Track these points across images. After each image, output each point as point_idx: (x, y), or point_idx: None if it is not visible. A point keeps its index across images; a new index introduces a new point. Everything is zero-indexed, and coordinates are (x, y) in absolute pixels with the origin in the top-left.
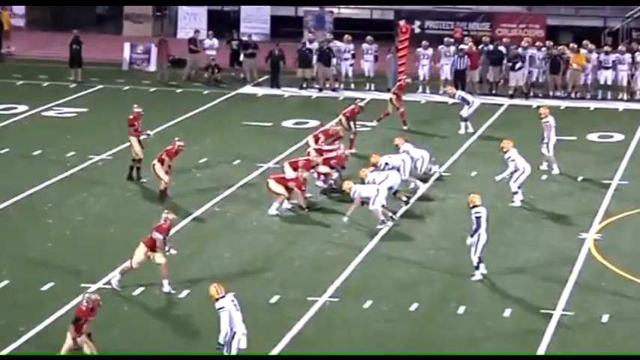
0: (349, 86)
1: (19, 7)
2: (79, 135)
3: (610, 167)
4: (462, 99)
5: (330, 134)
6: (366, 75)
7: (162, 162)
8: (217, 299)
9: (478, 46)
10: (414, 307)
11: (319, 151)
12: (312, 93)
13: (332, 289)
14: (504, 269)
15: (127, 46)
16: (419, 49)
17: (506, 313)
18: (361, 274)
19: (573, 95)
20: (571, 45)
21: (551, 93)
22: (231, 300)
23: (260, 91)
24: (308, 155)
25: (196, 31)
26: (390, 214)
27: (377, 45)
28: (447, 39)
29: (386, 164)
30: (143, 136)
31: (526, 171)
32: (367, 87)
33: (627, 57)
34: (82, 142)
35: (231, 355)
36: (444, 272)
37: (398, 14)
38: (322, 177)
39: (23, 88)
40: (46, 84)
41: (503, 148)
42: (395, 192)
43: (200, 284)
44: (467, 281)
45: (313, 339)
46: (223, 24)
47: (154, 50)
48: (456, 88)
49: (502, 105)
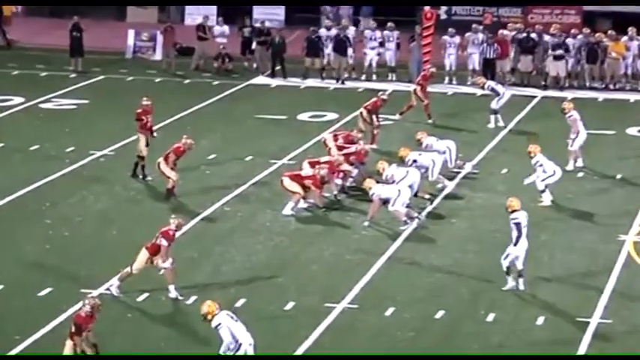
0: (371, 77)
1: None
2: (79, 129)
3: None
4: (492, 90)
5: (351, 140)
6: (388, 64)
7: (167, 159)
8: (213, 317)
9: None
10: (440, 315)
11: (338, 147)
12: (329, 84)
13: (351, 296)
14: (537, 274)
15: (131, 34)
16: (445, 37)
17: (539, 321)
18: (382, 280)
19: (612, 86)
20: (609, 32)
21: (587, 84)
22: (226, 314)
23: (273, 82)
24: (329, 154)
25: (205, 17)
26: (415, 215)
27: (399, 32)
28: (475, 26)
29: (414, 161)
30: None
31: (556, 174)
32: (389, 77)
33: None
34: (83, 137)
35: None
36: (472, 277)
37: None
38: (341, 174)
39: (19, 78)
40: (44, 74)
41: (530, 153)
42: (415, 193)
43: (209, 290)
44: (496, 286)
45: (330, 349)
46: (234, 10)
47: (160, 38)
48: (485, 79)
49: (535, 97)
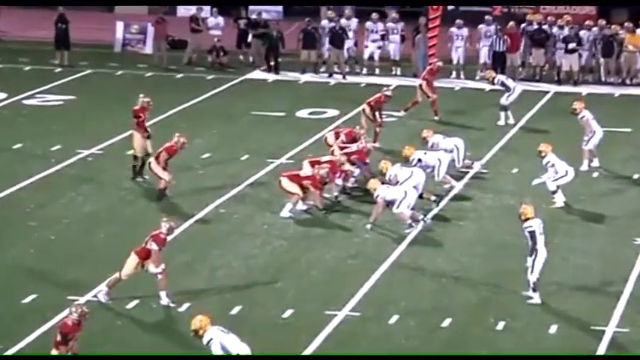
0: (373, 71)
1: None
2: (66, 126)
3: None
4: (502, 84)
5: (353, 137)
6: (392, 58)
7: (159, 159)
8: (204, 332)
9: (519, 25)
10: (447, 323)
11: (339, 146)
12: (330, 79)
13: (352, 303)
14: (550, 279)
15: (120, 26)
16: (452, 29)
17: (552, 330)
18: (386, 286)
19: (628, 81)
20: (626, 24)
21: (603, 79)
22: (217, 329)
23: (271, 77)
24: (332, 154)
25: (199, 8)
26: (421, 217)
27: (403, 24)
28: (488, 17)
29: (419, 160)
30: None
31: (569, 175)
32: (393, 72)
33: None
34: (69, 135)
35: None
36: (481, 283)
37: None
38: (342, 174)
39: (1, 73)
40: (28, 68)
41: (541, 153)
42: (420, 194)
43: (203, 296)
44: (506, 293)
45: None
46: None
47: (151, 30)
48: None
49: (547, 92)
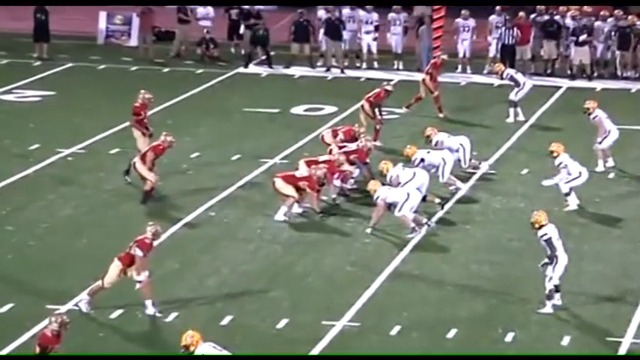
0: (372, 65)
1: None
2: (45, 124)
3: None
4: (512, 79)
5: (352, 136)
6: (393, 51)
7: (144, 159)
8: (195, 348)
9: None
10: (452, 334)
11: (338, 145)
12: (328, 73)
13: (351, 313)
14: (562, 287)
15: (103, 16)
16: (458, 20)
17: (564, 341)
18: (387, 294)
19: None
20: None
21: (619, 73)
22: (209, 345)
23: (264, 71)
24: (329, 153)
25: None
26: (425, 221)
27: (406, 14)
28: (499, 8)
29: (421, 160)
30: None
31: (582, 176)
32: (394, 65)
33: None
34: (49, 133)
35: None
36: (488, 291)
37: None
38: (340, 175)
39: None
40: (5, 61)
41: (552, 153)
42: (424, 197)
43: (191, 305)
44: (515, 302)
45: None
46: None
47: (136, 21)
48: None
49: (560, 87)
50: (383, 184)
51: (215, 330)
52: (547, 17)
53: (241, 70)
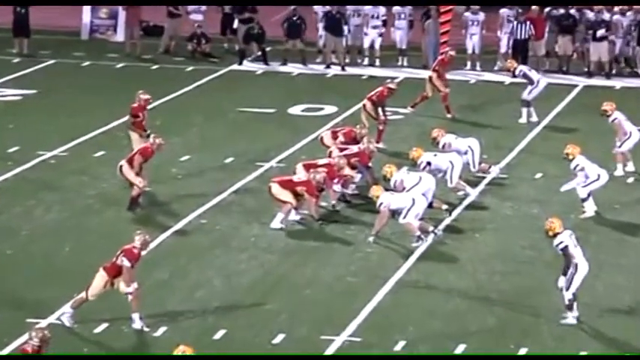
0: (375, 61)
1: None
2: (26, 124)
3: None
4: (524, 76)
5: (353, 137)
6: (397, 47)
7: (131, 163)
8: None
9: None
10: (461, 350)
11: (338, 147)
12: (327, 70)
13: (352, 327)
14: (579, 299)
15: (87, 10)
16: (466, 14)
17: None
18: (391, 307)
19: None
20: None
21: (639, 70)
22: None
23: (260, 68)
24: (329, 156)
25: None
26: (431, 228)
27: (411, 8)
28: None
29: (428, 164)
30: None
31: (601, 179)
32: (399, 62)
33: None
34: (29, 134)
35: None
36: (499, 303)
37: None
38: (341, 180)
39: None
40: None
41: (568, 155)
42: (430, 203)
43: (182, 319)
44: (528, 314)
45: None
46: None
47: (122, 15)
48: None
49: (576, 86)
50: (386, 190)
51: (207, 345)
52: (562, 10)
53: (235, 67)
